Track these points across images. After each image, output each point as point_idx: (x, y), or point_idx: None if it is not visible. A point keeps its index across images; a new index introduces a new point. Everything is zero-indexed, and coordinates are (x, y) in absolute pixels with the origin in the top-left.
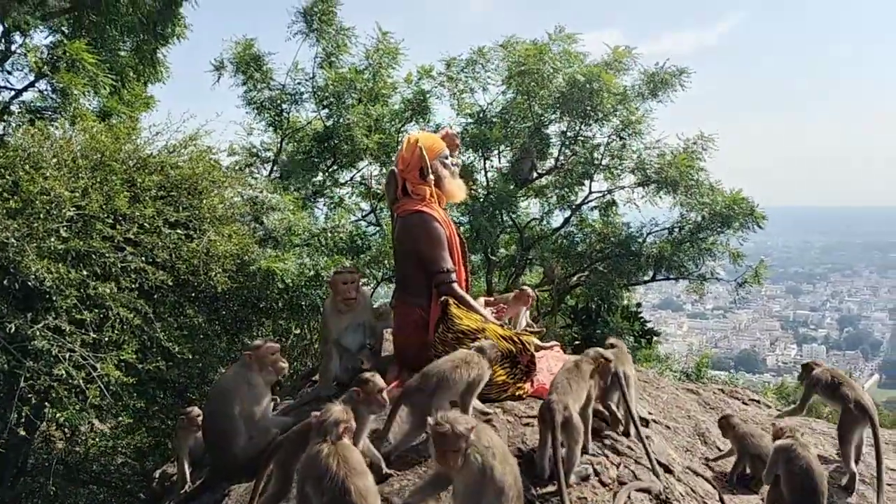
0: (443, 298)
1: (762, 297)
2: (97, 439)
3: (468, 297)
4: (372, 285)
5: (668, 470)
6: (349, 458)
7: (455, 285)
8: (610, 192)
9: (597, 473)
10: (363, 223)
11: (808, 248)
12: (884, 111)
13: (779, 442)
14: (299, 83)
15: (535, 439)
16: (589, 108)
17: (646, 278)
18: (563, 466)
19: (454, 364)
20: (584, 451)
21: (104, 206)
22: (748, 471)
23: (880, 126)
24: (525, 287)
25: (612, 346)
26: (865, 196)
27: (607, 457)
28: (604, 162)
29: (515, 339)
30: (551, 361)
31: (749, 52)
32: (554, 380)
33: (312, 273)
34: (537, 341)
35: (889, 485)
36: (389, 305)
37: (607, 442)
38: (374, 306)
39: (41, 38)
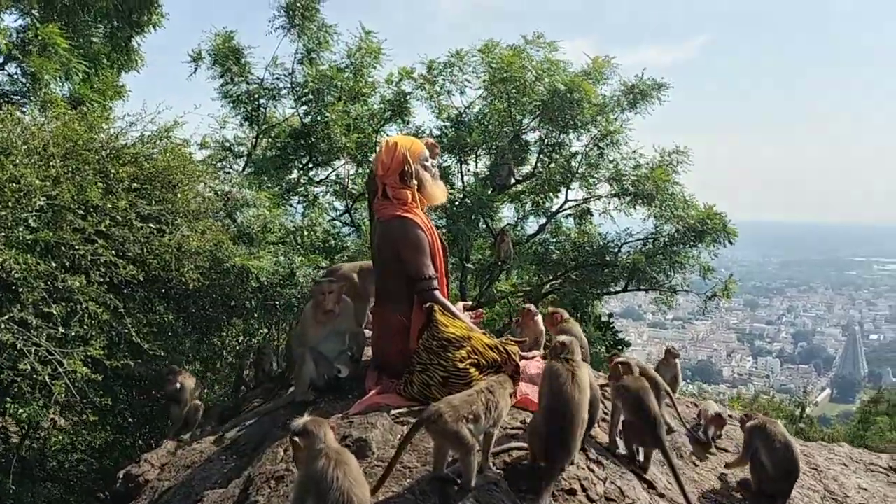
0: (427, 305)
1: (720, 310)
2: (56, 435)
3: (450, 305)
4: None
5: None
6: (351, 466)
7: (437, 293)
8: (586, 200)
9: (584, 489)
10: (338, 223)
11: (767, 263)
12: (842, 130)
13: (752, 423)
14: (278, 78)
15: (518, 454)
16: (569, 117)
17: (618, 288)
18: None
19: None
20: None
21: (76, 197)
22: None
23: (839, 145)
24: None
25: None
26: (823, 213)
27: (593, 472)
28: (580, 171)
29: (500, 348)
30: (532, 371)
31: (713, 70)
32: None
33: (288, 272)
34: (520, 351)
35: None
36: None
37: (591, 455)
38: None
39: (11, 20)
